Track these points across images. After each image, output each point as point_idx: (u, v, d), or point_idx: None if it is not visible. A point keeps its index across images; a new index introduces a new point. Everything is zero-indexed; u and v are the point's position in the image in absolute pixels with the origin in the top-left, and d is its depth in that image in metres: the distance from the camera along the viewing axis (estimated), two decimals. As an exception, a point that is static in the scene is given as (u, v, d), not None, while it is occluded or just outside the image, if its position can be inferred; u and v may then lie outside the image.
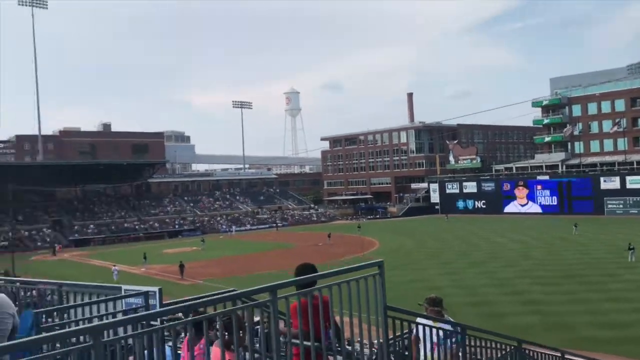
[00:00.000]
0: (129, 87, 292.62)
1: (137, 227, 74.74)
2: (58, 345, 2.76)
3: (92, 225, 72.22)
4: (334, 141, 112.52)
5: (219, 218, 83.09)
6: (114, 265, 39.69)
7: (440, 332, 5.33)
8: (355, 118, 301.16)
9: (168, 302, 5.42)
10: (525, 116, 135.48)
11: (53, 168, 74.98)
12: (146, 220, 77.20)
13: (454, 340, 5.52)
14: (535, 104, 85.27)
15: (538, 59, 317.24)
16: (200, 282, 32.29)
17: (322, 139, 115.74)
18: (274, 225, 79.21)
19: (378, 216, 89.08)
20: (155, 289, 4.55)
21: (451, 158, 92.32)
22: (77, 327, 3.03)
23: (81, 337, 2.64)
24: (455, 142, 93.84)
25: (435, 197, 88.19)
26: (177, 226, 77.46)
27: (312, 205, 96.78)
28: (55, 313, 4.55)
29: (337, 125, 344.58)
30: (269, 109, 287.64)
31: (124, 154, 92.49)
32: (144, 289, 4.63)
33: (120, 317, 4.49)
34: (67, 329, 3.26)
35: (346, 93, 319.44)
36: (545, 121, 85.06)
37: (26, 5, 77.97)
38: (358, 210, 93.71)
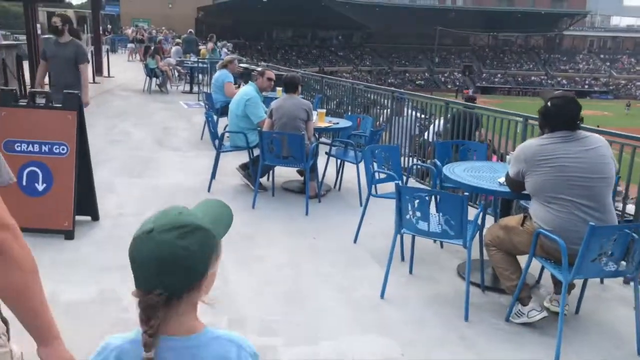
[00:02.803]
0: None
1: (543, 81, 71.82)
2: None
3: (499, 75, 72.59)
4: None
5: (638, 83, 72.51)
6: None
7: None
8: None
9: None
10: None
11: (470, 13, 76.34)
12: (554, 76, 73.19)
13: None
14: None
15: None
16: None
17: None
18: None
19: None
20: None
21: None
22: None
23: None
24: None
25: None
26: (586, 86, 71.19)
27: None
28: None
29: None
30: None
31: (542, 2, 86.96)
32: None
33: None
34: None
35: None
36: None
37: None
38: None
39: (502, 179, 3.51)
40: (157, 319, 1.06)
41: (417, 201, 3.36)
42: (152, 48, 15.31)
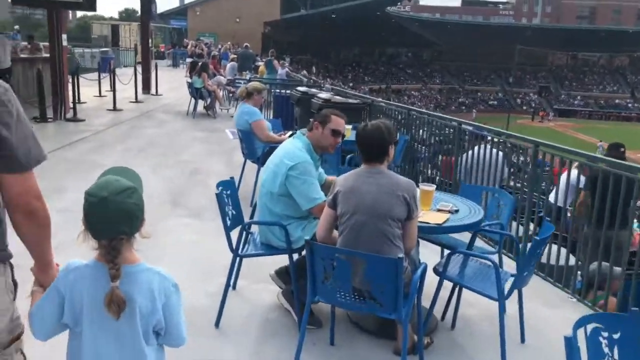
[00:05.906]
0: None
1: (629, 104, 66.04)
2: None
3: (579, 97, 67.37)
4: None
5: None
6: (600, 141, 34.89)
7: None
8: None
9: None
10: None
11: (549, 31, 71.49)
12: (641, 99, 67.25)
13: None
14: None
15: None
16: None
17: None
18: None
19: None
20: None
21: None
22: None
23: None
24: None
25: None
26: (679, 112, 64.87)
27: None
28: None
29: None
30: None
31: (626, 19, 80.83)
32: None
33: None
34: None
35: None
36: None
37: None
38: None
39: None
40: (120, 257, 1.50)
41: None
42: (200, 64, 13.16)
